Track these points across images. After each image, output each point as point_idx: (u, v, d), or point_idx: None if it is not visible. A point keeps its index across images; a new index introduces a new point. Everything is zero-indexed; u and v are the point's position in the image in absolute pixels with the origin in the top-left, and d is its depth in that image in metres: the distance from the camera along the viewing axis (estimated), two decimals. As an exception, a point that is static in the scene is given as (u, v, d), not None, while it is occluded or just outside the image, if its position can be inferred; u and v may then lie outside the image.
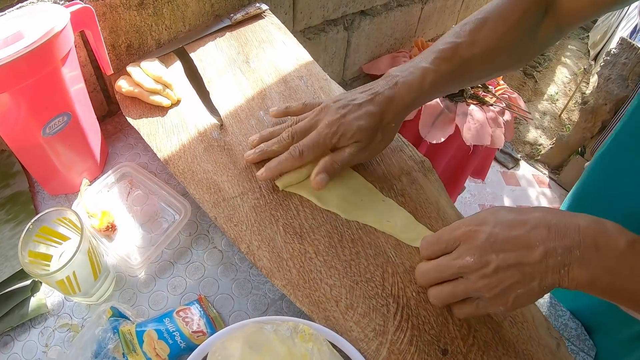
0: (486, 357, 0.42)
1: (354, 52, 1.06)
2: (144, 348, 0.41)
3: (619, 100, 1.87)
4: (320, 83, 0.59)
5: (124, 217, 0.52)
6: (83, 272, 0.42)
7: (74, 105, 0.51)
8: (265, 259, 0.42)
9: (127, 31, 0.62)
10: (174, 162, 0.51)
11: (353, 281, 0.42)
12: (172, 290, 0.47)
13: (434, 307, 0.43)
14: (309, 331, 0.37)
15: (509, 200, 1.90)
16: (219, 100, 0.57)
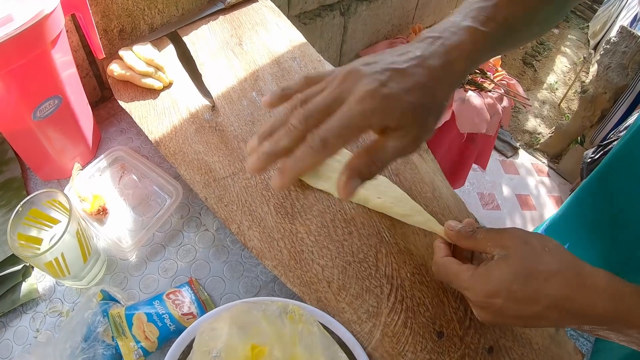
0: (483, 340, 0.41)
1: (350, 38, 1.03)
2: (133, 331, 0.40)
3: (618, 89, 1.83)
4: (313, 64, 0.57)
5: (116, 201, 0.51)
6: (72, 254, 0.41)
7: (65, 89, 0.49)
8: (255, 240, 0.40)
9: (120, 15, 0.60)
10: (165, 144, 0.49)
11: (345, 262, 0.40)
12: (163, 273, 0.45)
13: (429, 289, 0.41)
14: (299, 312, 0.36)
15: (508, 188, 1.87)
16: (212, 83, 0.55)
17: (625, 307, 0.31)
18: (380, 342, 0.37)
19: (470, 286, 0.35)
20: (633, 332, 0.32)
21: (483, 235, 0.36)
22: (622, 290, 0.32)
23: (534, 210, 1.83)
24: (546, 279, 0.32)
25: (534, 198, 1.88)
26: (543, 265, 0.33)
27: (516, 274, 0.33)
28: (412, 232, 0.44)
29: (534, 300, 0.32)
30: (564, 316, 0.32)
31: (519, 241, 0.35)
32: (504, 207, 1.80)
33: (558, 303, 0.32)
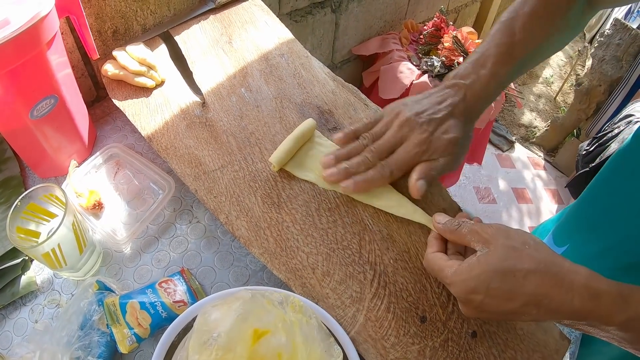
0: (466, 325, 0.41)
1: (342, 34, 1.04)
2: (127, 318, 0.41)
3: (613, 81, 1.83)
4: (301, 60, 0.58)
5: (111, 196, 0.52)
6: (68, 245, 0.42)
7: (61, 89, 0.50)
8: (243, 229, 0.41)
9: (113, 17, 0.61)
10: (157, 139, 0.50)
11: (330, 249, 0.41)
12: (157, 264, 0.46)
13: (412, 275, 0.42)
14: (299, 303, 0.37)
15: (504, 182, 1.87)
16: (202, 80, 0.56)
17: (603, 305, 0.32)
18: (363, 327, 0.38)
19: (452, 282, 0.36)
20: (611, 328, 0.33)
21: (467, 230, 0.38)
22: (599, 288, 0.33)
23: (530, 203, 1.83)
24: (524, 276, 0.33)
25: (530, 191, 1.88)
26: (522, 263, 0.34)
27: (495, 272, 0.34)
28: (395, 219, 0.45)
29: (511, 298, 0.34)
30: (543, 312, 0.33)
31: (500, 238, 0.36)
32: (500, 200, 1.80)
33: (536, 300, 0.33)
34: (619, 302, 0.32)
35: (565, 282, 0.33)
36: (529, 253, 0.34)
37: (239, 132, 0.50)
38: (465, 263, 0.36)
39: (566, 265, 0.34)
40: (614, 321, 0.32)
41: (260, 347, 0.35)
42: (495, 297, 0.34)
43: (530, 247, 0.35)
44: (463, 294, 0.36)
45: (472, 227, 0.38)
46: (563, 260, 0.35)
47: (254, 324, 0.34)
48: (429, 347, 0.39)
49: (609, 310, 0.32)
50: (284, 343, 0.34)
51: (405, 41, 1.15)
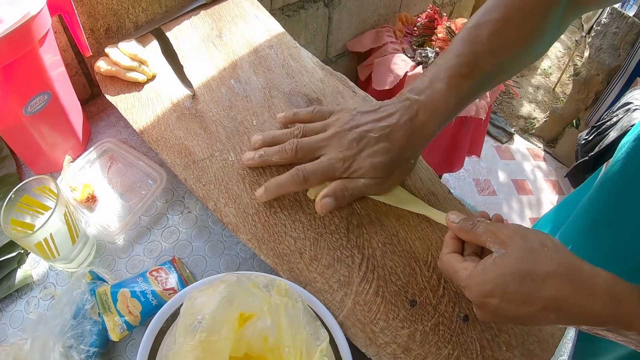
0: (458, 308, 0.40)
1: (336, 28, 1.03)
2: (118, 306, 0.41)
3: (611, 70, 1.81)
4: (290, 51, 0.58)
5: (105, 189, 0.52)
6: (60, 235, 0.42)
7: (54, 85, 0.51)
8: (231, 215, 0.41)
9: (105, 15, 0.61)
10: (148, 132, 0.50)
11: (317, 233, 0.40)
12: (149, 254, 0.46)
13: (401, 258, 0.41)
14: (284, 286, 0.36)
15: (504, 174, 1.85)
16: (193, 73, 0.56)
17: (625, 310, 0.30)
18: (351, 311, 0.38)
19: (467, 285, 0.34)
20: (631, 333, 0.31)
21: (483, 230, 0.35)
22: (622, 292, 0.31)
23: (530, 194, 1.81)
24: (543, 280, 0.31)
25: (531, 183, 1.86)
26: (541, 265, 0.32)
27: (513, 274, 0.32)
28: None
29: (530, 302, 0.32)
30: (562, 317, 0.31)
31: (518, 239, 0.33)
32: (500, 192, 1.78)
33: (555, 304, 0.31)
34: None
35: (586, 285, 0.31)
36: (548, 255, 0.32)
37: (228, 122, 0.49)
38: (481, 265, 0.34)
39: (586, 268, 0.32)
40: (635, 326, 0.30)
41: (246, 331, 0.34)
42: (512, 301, 0.32)
43: (549, 249, 0.33)
44: (479, 298, 0.33)
45: (488, 227, 0.35)
46: (583, 262, 0.32)
47: (239, 307, 0.34)
48: (420, 331, 0.38)
49: (631, 314, 0.30)
50: (269, 326, 0.33)
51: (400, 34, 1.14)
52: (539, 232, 0.34)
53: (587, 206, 0.55)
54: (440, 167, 1.27)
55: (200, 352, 0.31)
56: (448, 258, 0.37)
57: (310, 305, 0.36)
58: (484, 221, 0.36)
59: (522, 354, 0.39)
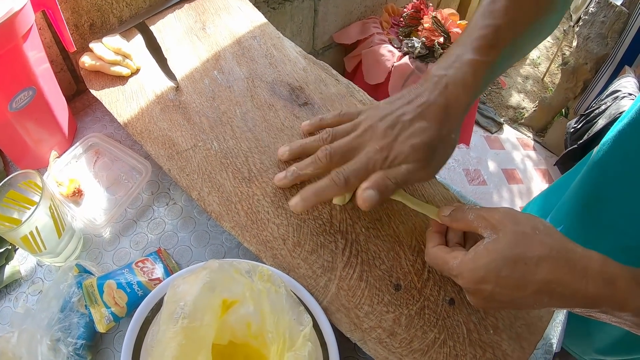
0: (443, 292, 0.40)
1: (322, 20, 1.02)
2: (104, 298, 0.40)
3: (599, 58, 1.81)
4: (273, 41, 0.57)
5: (91, 183, 0.51)
6: (46, 229, 0.41)
7: (38, 81, 0.50)
8: (215, 204, 0.41)
9: (89, 10, 0.61)
10: (132, 124, 0.49)
11: (300, 219, 0.40)
12: (135, 246, 0.46)
13: (385, 243, 0.41)
14: (267, 272, 0.36)
15: (494, 163, 1.85)
16: (176, 66, 0.56)
17: (618, 291, 0.30)
18: (336, 296, 0.37)
19: (459, 273, 0.34)
20: (625, 314, 0.30)
21: (474, 216, 0.35)
22: (614, 273, 0.30)
23: (520, 184, 1.81)
24: (536, 263, 0.31)
25: (521, 172, 1.86)
26: (533, 249, 0.31)
27: (505, 259, 0.31)
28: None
29: (524, 286, 0.31)
30: (556, 299, 0.31)
31: (509, 223, 0.33)
32: (490, 182, 1.78)
33: (549, 287, 0.31)
34: (634, 285, 0.30)
35: (578, 267, 0.30)
36: (540, 239, 0.32)
37: (211, 113, 0.49)
38: (472, 252, 0.33)
39: (579, 251, 0.32)
40: (629, 307, 0.30)
41: (229, 317, 0.34)
42: (505, 286, 0.31)
43: (540, 233, 0.32)
44: (472, 285, 0.33)
45: (479, 212, 0.35)
46: (575, 245, 0.32)
47: (222, 294, 0.33)
48: (405, 315, 0.38)
49: (624, 295, 0.30)
50: (252, 312, 0.33)
51: (386, 25, 1.13)
52: (531, 216, 0.34)
53: (577, 187, 0.55)
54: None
55: (182, 338, 0.30)
56: (435, 251, 0.37)
57: (293, 291, 0.36)
58: (474, 207, 0.36)
59: (510, 336, 0.39)
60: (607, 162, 0.49)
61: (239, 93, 0.51)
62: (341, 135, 0.41)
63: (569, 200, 0.58)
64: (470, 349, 0.38)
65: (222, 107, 0.49)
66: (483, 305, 0.34)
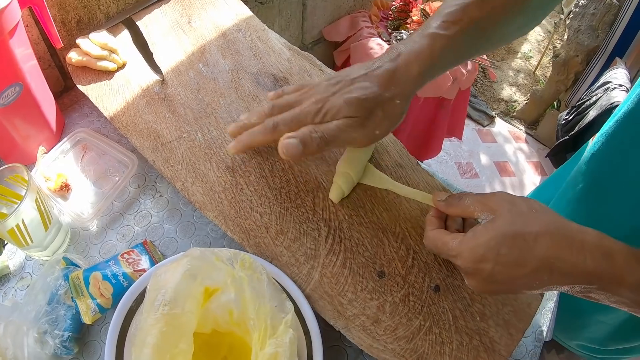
0: (428, 278, 0.39)
1: (311, 15, 1.01)
2: (90, 290, 0.40)
3: (590, 50, 1.80)
4: (258, 33, 0.56)
5: (79, 178, 0.51)
6: (33, 222, 0.41)
7: (25, 77, 0.49)
8: (198, 194, 0.40)
9: (76, 7, 0.60)
10: (118, 118, 0.49)
11: (283, 207, 0.40)
12: (121, 238, 0.45)
13: (368, 230, 0.40)
14: (249, 260, 0.35)
15: (486, 156, 1.84)
16: (162, 59, 0.55)
17: (616, 265, 0.30)
18: (319, 283, 0.37)
19: (458, 253, 0.33)
20: (624, 291, 0.30)
21: (470, 201, 0.35)
22: (611, 247, 0.30)
23: (513, 176, 1.81)
24: (535, 239, 0.31)
25: (513, 164, 1.85)
26: (531, 226, 0.31)
27: (504, 236, 0.31)
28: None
29: (523, 262, 0.31)
30: (555, 276, 0.30)
31: (506, 204, 0.33)
32: (482, 174, 1.77)
33: (548, 263, 0.30)
34: (632, 260, 0.29)
35: (576, 242, 0.30)
36: (537, 216, 0.32)
37: (195, 104, 0.48)
38: (471, 232, 0.33)
39: (575, 226, 0.32)
40: (627, 281, 0.29)
41: (211, 305, 0.34)
42: (505, 264, 0.31)
43: (537, 211, 0.32)
44: (471, 264, 0.32)
45: (475, 197, 0.35)
46: (570, 222, 0.32)
47: (204, 281, 0.33)
48: (389, 302, 0.37)
49: (622, 269, 0.29)
50: (234, 299, 0.33)
51: (375, 19, 1.13)
52: (525, 197, 0.34)
53: (576, 179, 0.54)
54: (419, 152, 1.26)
55: (163, 325, 0.30)
56: (434, 233, 0.36)
57: (276, 278, 0.36)
58: (470, 193, 0.36)
59: (497, 323, 0.39)
60: (605, 153, 0.48)
61: (223, 85, 0.50)
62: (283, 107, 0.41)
63: (567, 192, 0.57)
64: (456, 336, 0.37)
65: (206, 99, 0.49)
66: (482, 287, 0.34)
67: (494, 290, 0.34)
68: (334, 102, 0.37)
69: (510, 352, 0.38)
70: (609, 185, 0.48)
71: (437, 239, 0.36)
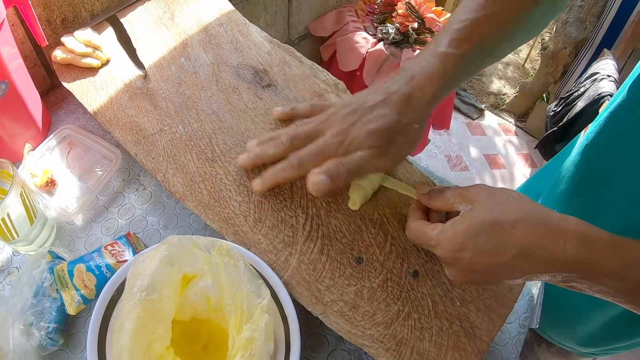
0: (406, 264, 0.39)
1: (297, 10, 1.01)
2: (74, 281, 0.40)
3: (578, 42, 1.80)
4: (239, 27, 0.56)
5: (64, 174, 0.51)
6: (18, 216, 0.41)
7: (11, 75, 0.49)
8: (179, 185, 0.40)
9: (61, 5, 0.60)
10: (102, 113, 0.49)
11: (261, 196, 0.40)
12: (106, 231, 0.46)
13: (346, 216, 0.41)
14: (226, 247, 0.35)
15: (476, 149, 1.84)
16: (145, 55, 0.55)
17: (597, 252, 0.29)
18: (296, 270, 0.37)
19: (437, 243, 0.33)
20: (606, 279, 0.29)
21: (451, 194, 0.35)
22: (591, 235, 0.29)
23: (503, 168, 1.81)
24: (513, 226, 0.30)
25: (503, 157, 1.85)
26: (509, 214, 0.31)
27: (482, 224, 0.31)
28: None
29: (502, 250, 0.30)
30: (535, 264, 0.30)
31: (484, 194, 0.33)
32: (472, 167, 1.77)
33: (527, 251, 0.30)
34: (613, 248, 0.29)
35: (555, 229, 0.30)
36: (515, 204, 0.32)
37: (177, 98, 0.48)
38: (450, 222, 0.33)
39: (555, 215, 0.31)
40: (609, 270, 0.29)
41: (189, 291, 0.34)
42: (484, 252, 0.31)
43: (515, 200, 0.32)
44: (450, 253, 0.32)
45: (455, 190, 0.35)
46: (551, 210, 0.32)
47: (182, 268, 0.33)
48: (367, 288, 0.37)
49: (603, 257, 0.29)
50: (210, 285, 0.33)
51: (362, 13, 1.12)
52: (504, 188, 0.34)
53: (569, 170, 0.54)
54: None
55: (140, 310, 0.30)
56: (415, 224, 0.36)
57: (254, 265, 0.36)
58: (451, 186, 0.36)
59: (478, 308, 0.38)
60: (599, 144, 0.48)
61: (204, 78, 0.50)
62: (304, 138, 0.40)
63: (560, 184, 0.56)
64: (436, 321, 0.37)
65: (187, 92, 0.49)
66: (462, 277, 0.33)
67: (474, 280, 0.34)
68: (355, 133, 0.37)
69: (492, 337, 0.37)
70: (604, 176, 0.47)
71: (418, 229, 0.36)
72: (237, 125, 0.45)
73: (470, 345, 0.37)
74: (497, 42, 0.40)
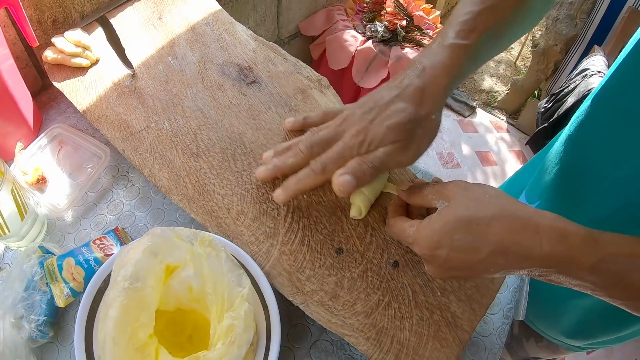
0: (387, 254, 0.40)
1: (286, 9, 1.01)
2: (63, 275, 0.41)
3: (568, 39, 1.81)
4: (225, 26, 0.57)
5: (55, 172, 0.52)
6: (9, 211, 0.42)
7: (2, 76, 0.50)
8: (164, 179, 0.41)
9: (51, 6, 0.60)
10: (91, 111, 0.50)
11: (244, 189, 0.41)
12: (95, 227, 0.46)
13: (327, 208, 0.41)
14: (208, 238, 0.36)
15: (467, 147, 1.84)
16: (134, 54, 0.56)
17: (573, 246, 0.29)
18: (277, 260, 0.38)
19: (415, 240, 0.33)
20: (583, 273, 0.29)
21: (429, 190, 0.35)
22: (566, 229, 0.30)
23: (495, 165, 1.81)
24: (488, 223, 0.30)
25: (495, 154, 1.86)
26: (484, 210, 0.31)
27: (458, 221, 0.31)
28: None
29: (478, 248, 0.30)
30: (512, 260, 0.30)
31: (460, 190, 0.33)
32: (464, 164, 1.77)
33: (503, 247, 0.30)
34: (589, 242, 0.29)
35: (531, 225, 0.30)
36: (491, 201, 0.32)
37: (163, 95, 0.49)
38: (427, 219, 0.33)
39: (530, 210, 0.31)
40: (585, 264, 0.29)
41: (172, 281, 0.35)
42: (460, 249, 0.31)
43: (490, 196, 0.32)
44: (427, 251, 0.32)
45: (433, 187, 0.35)
46: (526, 205, 0.32)
47: (165, 259, 0.34)
48: (347, 278, 0.38)
49: (580, 251, 0.29)
50: (192, 275, 0.34)
51: (351, 12, 1.13)
52: (481, 184, 0.34)
53: (552, 163, 0.54)
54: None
55: (124, 298, 0.31)
56: (394, 221, 0.37)
57: (236, 256, 0.37)
58: (430, 184, 0.36)
59: (459, 298, 0.39)
60: (581, 135, 0.48)
61: (190, 76, 0.51)
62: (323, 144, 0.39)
63: (543, 176, 0.57)
64: (416, 311, 0.38)
65: (174, 90, 0.50)
66: (440, 273, 0.34)
67: (453, 276, 0.34)
68: (375, 130, 0.37)
69: (473, 327, 0.38)
70: (586, 167, 0.47)
71: (396, 226, 0.36)
72: (222, 121, 0.46)
73: (451, 335, 0.37)
74: (502, 31, 0.40)
